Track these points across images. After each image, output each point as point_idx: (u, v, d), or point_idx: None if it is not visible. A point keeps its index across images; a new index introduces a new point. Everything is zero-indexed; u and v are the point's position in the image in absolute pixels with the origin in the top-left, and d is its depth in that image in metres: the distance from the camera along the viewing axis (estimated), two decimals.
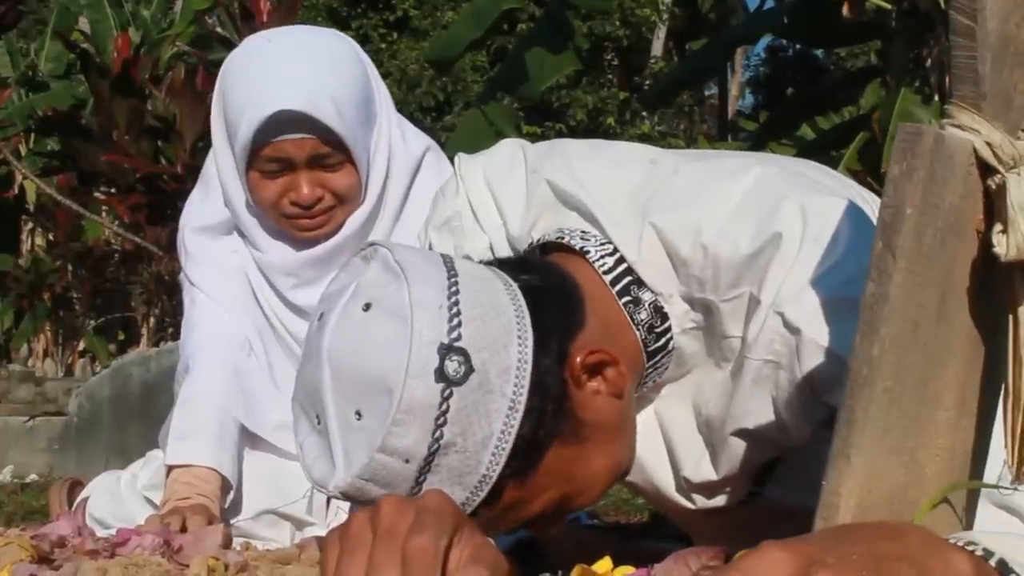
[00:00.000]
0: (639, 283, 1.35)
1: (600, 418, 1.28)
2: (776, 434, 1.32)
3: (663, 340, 1.36)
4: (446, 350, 1.15)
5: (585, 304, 1.31)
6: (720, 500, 1.45)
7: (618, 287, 1.35)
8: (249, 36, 2.22)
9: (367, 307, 1.18)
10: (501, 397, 1.18)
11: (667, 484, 1.46)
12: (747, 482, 1.43)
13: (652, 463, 1.45)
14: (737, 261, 1.30)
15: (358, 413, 1.16)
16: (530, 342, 1.21)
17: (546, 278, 1.31)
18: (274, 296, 2.23)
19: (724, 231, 1.31)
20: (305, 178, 2.07)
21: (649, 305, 1.35)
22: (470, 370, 1.16)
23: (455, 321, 1.17)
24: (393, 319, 1.17)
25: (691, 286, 1.34)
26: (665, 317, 1.36)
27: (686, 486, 1.45)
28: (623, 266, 1.35)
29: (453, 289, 1.20)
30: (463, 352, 1.16)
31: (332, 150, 2.05)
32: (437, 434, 1.15)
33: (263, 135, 2.04)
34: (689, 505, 1.46)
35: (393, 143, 2.18)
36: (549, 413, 1.22)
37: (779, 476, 1.43)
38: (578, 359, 1.26)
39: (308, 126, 2.02)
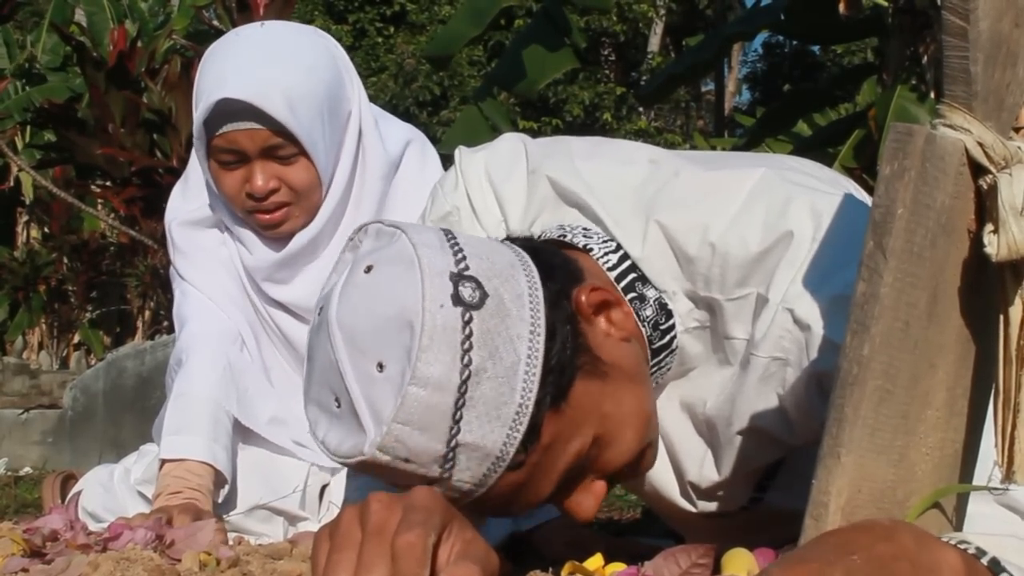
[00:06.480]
0: (643, 280, 1.34)
1: (615, 359, 1.27)
2: (781, 432, 1.32)
3: (667, 338, 1.35)
4: (457, 277, 1.15)
5: (584, 274, 1.30)
6: (723, 505, 1.44)
7: (623, 283, 1.34)
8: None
9: (369, 269, 1.18)
10: (520, 322, 1.17)
11: (669, 487, 1.46)
12: (750, 487, 1.43)
13: (654, 467, 1.44)
14: (746, 259, 1.29)
15: (380, 365, 1.14)
16: (536, 273, 1.21)
17: (542, 245, 1.33)
18: (259, 290, 2.24)
19: (732, 229, 1.30)
20: (259, 168, 2.08)
21: (654, 302, 1.34)
22: (485, 295, 1.16)
23: (460, 255, 1.18)
24: (399, 264, 1.17)
25: (696, 284, 1.33)
26: (670, 314, 1.35)
27: (691, 491, 1.44)
28: (627, 263, 1.35)
29: (450, 235, 1.21)
30: (474, 279, 1.16)
31: (284, 142, 2.06)
32: (466, 360, 1.13)
33: (216, 124, 2.06)
34: (691, 509, 1.46)
35: (367, 144, 2.18)
36: (569, 340, 1.21)
37: (781, 480, 1.42)
38: (583, 297, 1.26)
39: (257, 116, 2.03)
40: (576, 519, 1.29)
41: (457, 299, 1.14)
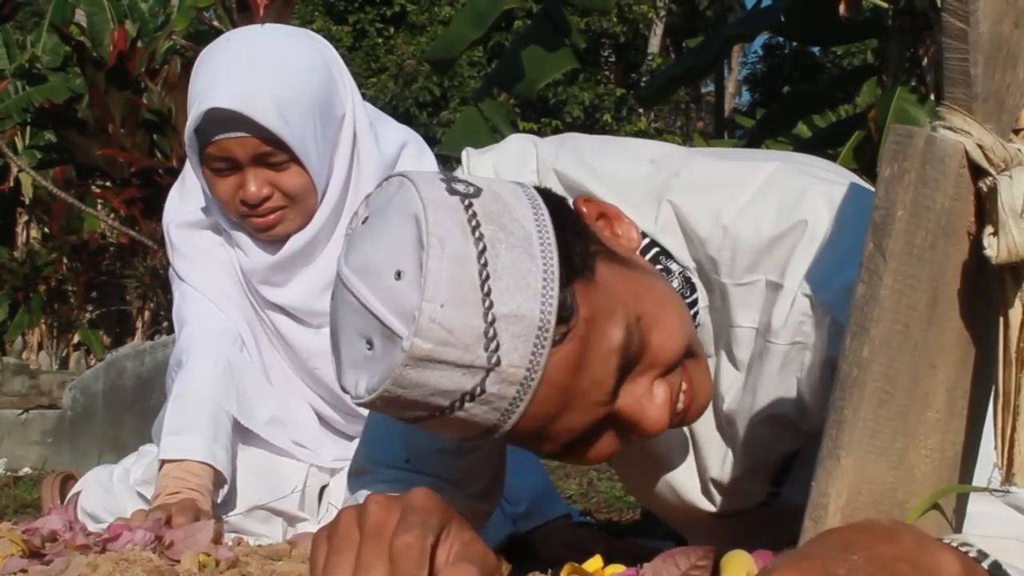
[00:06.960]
0: (667, 254, 1.34)
1: (631, 256, 1.26)
2: (797, 417, 1.31)
3: (692, 311, 1.34)
4: (448, 180, 1.16)
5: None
6: (743, 501, 1.44)
7: (648, 256, 1.33)
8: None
9: (365, 220, 1.19)
10: (521, 207, 1.16)
11: (690, 488, 1.45)
12: (768, 481, 1.42)
13: (676, 462, 1.44)
14: (758, 244, 1.28)
15: (397, 273, 1.12)
16: (527, 184, 1.22)
17: None
18: (256, 292, 2.24)
19: (745, 213, 1.30)
20: (252, 175, 2.08)
21: (679, 275, 1.34)
22: (479, 189, 1.16)
23: (446, 172, 1.20)
24: (389, 190, 1.18)
25: (706, 266, 1.33)
26: (694, 288, 1.34)
27: (713, 488, 1.44)
28: (647, 239, 1.34)
29: None
30: (465, 180, 1.17)
31: (275, 149, 2.06)
32: (477, 234, 1.12)
33: (207, 133, 2.06)
34: (711, 509, 1.45)
35: (362, 147, 2.18)
36: (576, 224, 1.20)
37: (796, 475, 1.41)
38: (582, 207, 1.26)
39: (246, 125, 2.03)
40: (644, 430, 1.22)
41: (452, 191, 1.14)
